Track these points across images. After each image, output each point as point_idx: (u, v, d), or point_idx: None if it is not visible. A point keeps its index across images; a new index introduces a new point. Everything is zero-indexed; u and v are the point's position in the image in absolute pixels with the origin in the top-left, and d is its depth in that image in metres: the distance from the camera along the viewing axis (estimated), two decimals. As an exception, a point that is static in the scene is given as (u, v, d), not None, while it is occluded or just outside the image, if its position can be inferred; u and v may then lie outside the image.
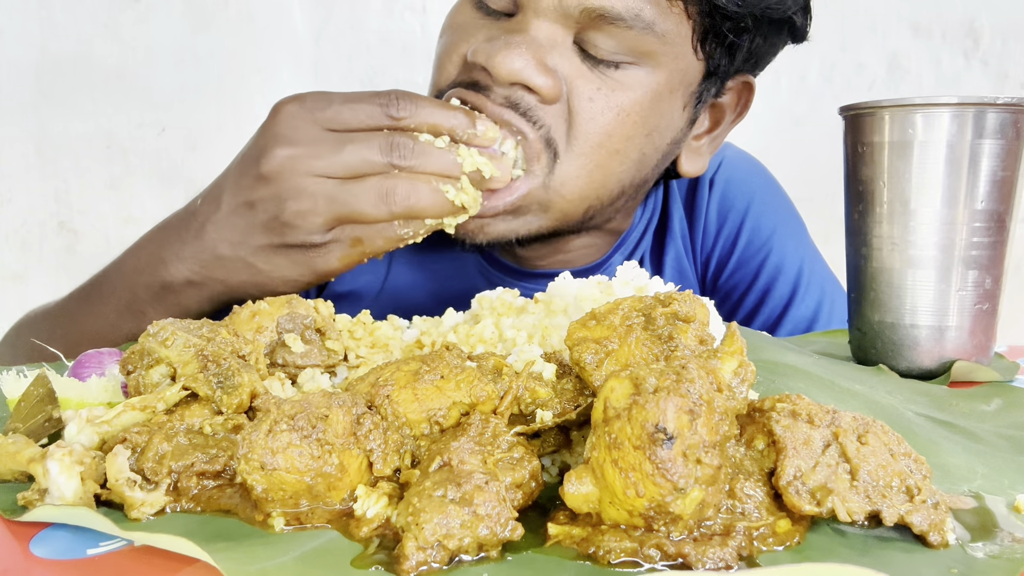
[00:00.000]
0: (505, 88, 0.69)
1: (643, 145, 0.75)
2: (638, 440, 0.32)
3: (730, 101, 0.81)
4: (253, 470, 0.35)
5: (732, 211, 0.91)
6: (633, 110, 0.72)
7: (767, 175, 0.97)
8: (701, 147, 0.83)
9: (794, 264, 0.90)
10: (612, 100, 0.71)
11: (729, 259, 0.91)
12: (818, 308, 0.89)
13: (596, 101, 0.71)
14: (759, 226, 0.90)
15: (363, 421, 0.38)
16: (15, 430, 0.46)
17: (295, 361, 0.51)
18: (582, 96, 0.71)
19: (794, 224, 0.95)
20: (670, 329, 0.41)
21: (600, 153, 0.72)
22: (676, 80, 0.74)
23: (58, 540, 0.35)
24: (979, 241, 0.61)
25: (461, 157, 0.66)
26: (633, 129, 0.73)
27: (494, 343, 0.52)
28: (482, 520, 0.33)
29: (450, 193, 0.66)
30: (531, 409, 0.42)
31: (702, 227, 0.91)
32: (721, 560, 0.32)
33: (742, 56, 0.76)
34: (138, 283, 0.72)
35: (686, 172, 0.83)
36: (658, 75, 0.72)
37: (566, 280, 0.57)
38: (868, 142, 0.63)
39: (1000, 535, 0.35)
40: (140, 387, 0.45)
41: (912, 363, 0.63)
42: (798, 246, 0.92)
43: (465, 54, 0.72)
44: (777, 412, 0.37)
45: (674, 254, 0.91)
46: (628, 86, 0.71)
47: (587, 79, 0.71)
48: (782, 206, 0.95)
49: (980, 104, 0.59)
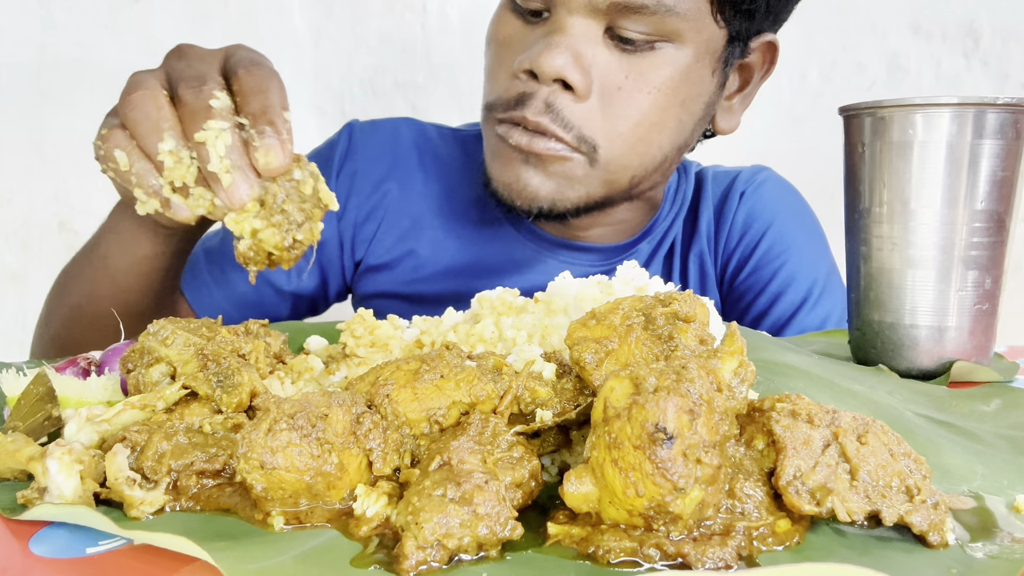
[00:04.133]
0: (547, 88, 0.77)
1: (679, 113, 0.82)
2: (638, 440, 0.32)
3: (756, 60, 0.87)
4: (253, 469, 0.35)
5: (757, 221, 0.97)
6: (665, 86, 0.79)
7: (799, 199, 1.03)
8: (733, 105, 0.90)
9: (808, 276, 0.95)
10: (643, 82, 0.78)
11: (747, 263, 0.96)
12: (826, 319, 0.93)
13: (626, 87, 0.78)
14: (780, 239, 0.96)
15: (363, 420, 0.38)
16: (15, 428, 0.46)
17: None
18: (612, 85, 0.78)
19: (817, 244, 0.99)
20: (670, 329, 0.41)
21: (639, 130, 0.80)
22: (702, 50, 0.80)
23: (57, 539, 0.35)
24: (979, 241, 0.61)
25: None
26: (667, 101, 0.80)
27: (494, 343, 0.52)
28: (482, 519, 0.33)
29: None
30: (531, 409, 0.42)
31: (727, 230, 0.97)
32: (721, 560, 0.32)
33: (760, 16, 0.81)
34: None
35: (722, 130, 0.90)
36: (685, 50, 0.79)
37: (566, 280, 0.57)
38: (868, 142, 0.63)
39: (1000, 535, 0.35)
40: (140, 386, 0.45)
41: (912, 363, 0.63)
42: (816, 262, 0.97)
43: (511, 68, 0.80)
44: (777, 412, 0.37)
45: (698, 251, 0.97)
46: (658, 65, 0.78)
47: (617, 67, 0.77)
48: (808, 227, 1.00)
49: (980, 104, 0.59)
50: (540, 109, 0.77)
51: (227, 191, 0.51)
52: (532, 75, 0.77)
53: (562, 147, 0.79)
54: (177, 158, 0.51)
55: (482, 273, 0.93)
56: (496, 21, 0.84)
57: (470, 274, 0.94)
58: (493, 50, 0.83)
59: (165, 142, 0.51)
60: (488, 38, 0.85)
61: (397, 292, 0.96)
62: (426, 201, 0.97)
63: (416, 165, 0.98)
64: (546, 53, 0.75)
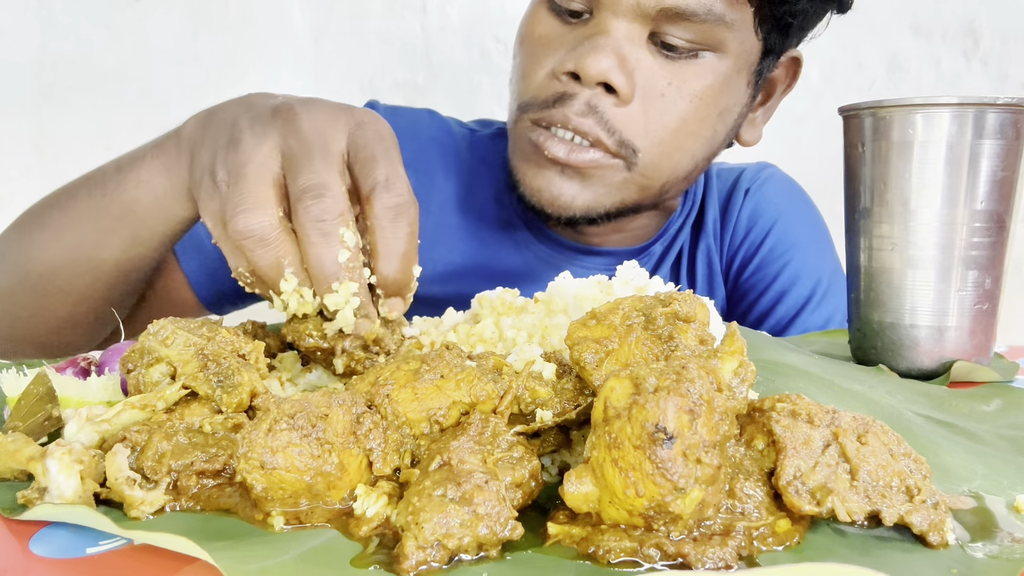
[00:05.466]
0: (590, 90, 0.76)
1: (715, 124, 0.82)
2: (638, 440, 0.32)
3: (780, 75, 0.88)
4: (253, 469, 0.35)
5: (762, 219, 0.97)
6: (706, 95, 0.79)
7: (804, 197, 1.03)
8: (756, 118, 0.90)
9: (812, 276, 0.94)
10: (685, 89, 0.78)
11: (751, 261, 0.96)
12: (830, 319, 0.93)
13: (669, 94, 0.78)
14: (784, 237, 0.96)
15: (363, 420, 0.38)
16: (15, 428, 0.46)
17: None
18: (655, 91, 0.77)
19: (821, 243, 0.99)
20: (670, 329, 0.41)
21: (677, 137, 0.80)
22: (741, 62, 0.80)
23: (57, 539, 0.35)
24: (979, 241, 0.61)
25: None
26: (707, 111, 0.80)
27: (494, 343, 0.52)
28: (482, 519, 0.33)
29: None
30: (531, 409, 0.42)
31: (732, 228, 0.97)
32: (721, 560, 0.32)
33: (794, 31, 0.82)
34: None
35: (745, 142, 0.90)
36: (725, 60, 0.79)
37: (566, 280, 0.57)
38: (868, 142, 0.63)
39: (1000, 535, 0.35)
40: (140, 386, 0.45)
41: (912, 363, 0.63)
42: (821, 261, 0.97)
43: (550, 68, 0.78)
44: (777, 412, 0.37)
45: (705, 247, 0.97)
46: (699, 74, 0.78)
47: (660, 73, 0.77)
48: (812, 225, 1.00)
49: (980, 104, 0.59)
50: (583, 110, 0.76)
51: (353, 328, 0.48)
52: (574, 76, 0.76)
53: (602, 155, 0.78)
54: (299, 296, 0.48)
55: (495, 276, 0.92)
56: (530, 20, 0.82)
57: (483, 276, 0.92)
58: (528, 49, 0.82)
59: (288, 282, 0.48)
60: (521, 37, 0.83)
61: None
62: (444, 197, 0.95)
63: (436, 159, 0.96)
64: (592, 55, 0.74)
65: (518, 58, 0.83)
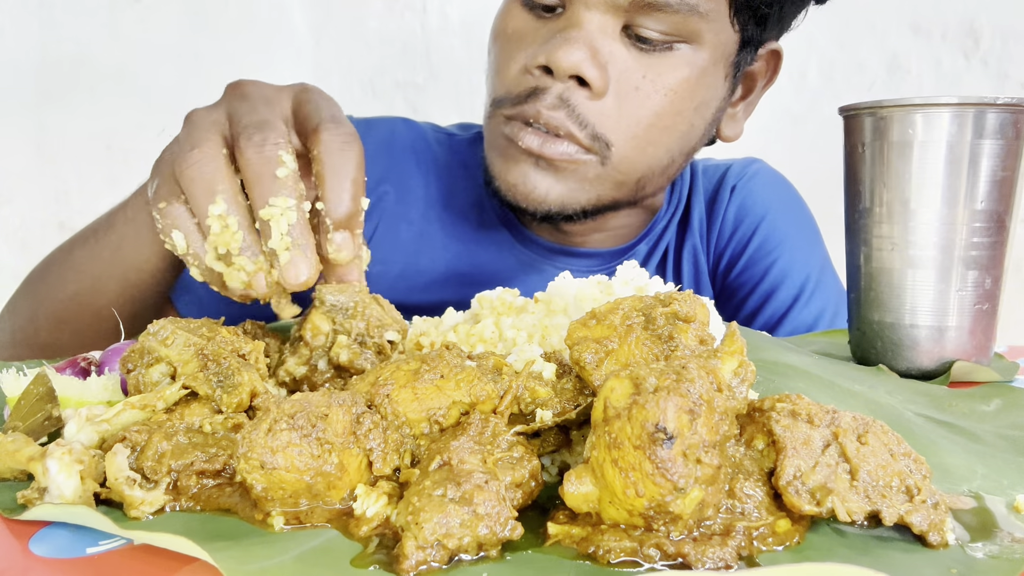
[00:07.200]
0: (562, 84, 0.74)
1: (692, 118, 0.80)
2: (638, 440, 0.32)
3: (760, 68, 0.87)
4: (253, 469, 0.35)
5: (749, 216, 0.95)
6: (681, 88, 0.77)
7: (792, 192, 1.01)
8: (737, 113, 0.88)
9: (802, 272, 0.93)
10: (660, 82, 0.76)
11: (739, 259, 0.94)
12: (820, 315, 0.92)
13: (643, 87, 0.76)
14: (772, 234, 0.94)
15: (363, 420, 0.38)
16: (15, 428, 0.46)
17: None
18: (629, 84, 0.76)
19: (810, 238, 0.98)
20: (670, 329, 0.41)
21: (652, 131, 0.78)
22: (718, 54, 0.78)
23: (57, 539, 0.35)
24: (979, 241, 0.61)
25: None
26: (682, 104, 0.78)
27: (494, 343, 0.52)
28: (482, 519, 0.33)
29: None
30: (531, 409, 0.42)
31: (719, 225, 0.95)
32: (721, 560, 0.32)
33: (772, 23, 0.80)
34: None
35: (726, 137, 0.88)
36: (702, 52, 0.77)
37: (566, 280, 0.57)
38: (868, 142, 0.63)
39: (1000, 535, 0.35)
40: (140, 386, 0.45)
41: (912, 363, 0.63)
42: (810, 257, 0.95)
43: (523, 63, 0.77)
44: (777, 412, 0.37)
45: (691, 246, 0.95)
46: (675, 66, 0.76)
47: (635, 66, 0.75)
48: (800, 220, 0.99)
49: (980, 104, 0.59)
50: (554, 104, 0.75)
51: (283, 268, 0.48)
52: (546, 71, 0.75)
53: (576, 149, 0.77)
54: (224, 223, 0.48)
55: (479, 281, 0.91)
56: (504, 15, 0.81)
57: (466, 282, 0.91)
58: (501, 44, 0.81)
59: (216, 205, 0.48)
60: (495, 32, 0.82)
61: (392, 301, 0.94)
62: (425, 206, 0.94)
63: (414, 168, 0.95)
64: (564, 48, 0.72)
65: (492, 54, 0.82)
